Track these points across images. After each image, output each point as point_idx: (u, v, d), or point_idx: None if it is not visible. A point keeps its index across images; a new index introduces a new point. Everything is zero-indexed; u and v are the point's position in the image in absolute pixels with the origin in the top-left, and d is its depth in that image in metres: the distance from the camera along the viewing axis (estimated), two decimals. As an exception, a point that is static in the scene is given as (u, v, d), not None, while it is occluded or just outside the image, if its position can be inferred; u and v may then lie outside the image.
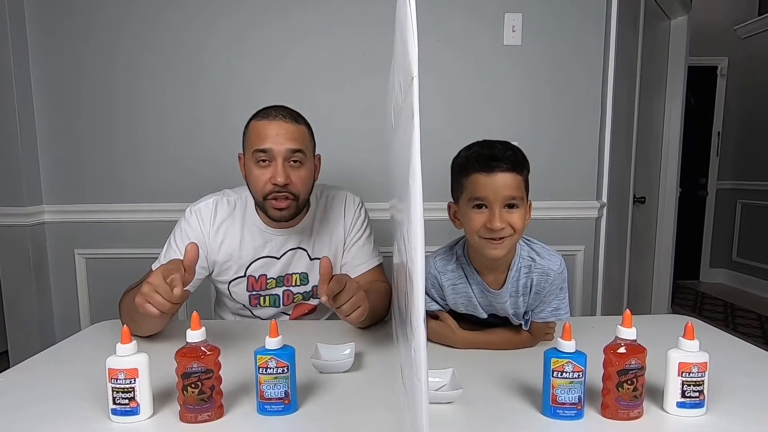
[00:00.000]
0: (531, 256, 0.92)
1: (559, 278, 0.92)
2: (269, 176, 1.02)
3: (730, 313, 3.45)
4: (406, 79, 0.40)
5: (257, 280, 1.14)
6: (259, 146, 1.02)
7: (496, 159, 0.84)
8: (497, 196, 0.83)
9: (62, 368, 0.89)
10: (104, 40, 1.72)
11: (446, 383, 0.77)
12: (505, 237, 0.85)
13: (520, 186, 0.86)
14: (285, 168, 1.02)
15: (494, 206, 0.84)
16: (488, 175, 0.84)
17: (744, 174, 3.97)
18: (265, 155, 1.02)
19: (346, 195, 1.21)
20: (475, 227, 0.85)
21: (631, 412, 0.68)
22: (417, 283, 0.39)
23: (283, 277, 1.15)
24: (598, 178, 1.85)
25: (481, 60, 1.75)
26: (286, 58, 1.73)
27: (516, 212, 0.85)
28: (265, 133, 1.02)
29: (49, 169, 1.78)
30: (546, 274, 0.91)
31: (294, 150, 1.03)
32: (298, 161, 1.04)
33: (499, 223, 0.83)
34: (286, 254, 1.14)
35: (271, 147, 1.01)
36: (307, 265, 1.16)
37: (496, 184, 0.83)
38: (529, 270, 0.92)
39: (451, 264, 0.96)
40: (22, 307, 1.78)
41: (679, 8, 2.64)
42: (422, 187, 0.41)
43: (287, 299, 1.17)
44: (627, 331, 0.68)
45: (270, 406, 0.71)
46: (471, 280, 0.95)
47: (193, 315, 0.70)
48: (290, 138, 1.02)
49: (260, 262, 1.13)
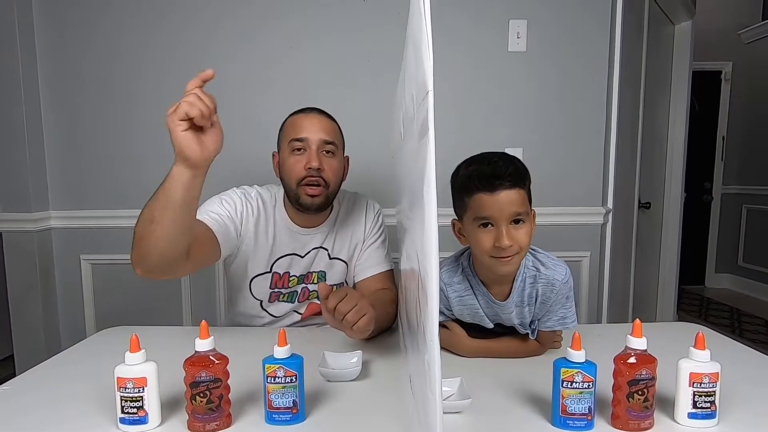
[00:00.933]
0: (536, 267, 0.92)
1: (564, 288, 0.91)
2: (304, 162, 1.09)
3: (737, 318, 3.43)
4: (420, 92, 0.40)
5: (281, 277, 1.17)
6: (296, 135, 1.10)
7: (499, 177, 0.83)
8: (503, 214, 0.83)
9: (70, 375, 0.89)
10: (109, 48, 1.74)
11: (454, 392, 0.77)
12: (513, 255, 0.85)
13: (524, 201, 0.85)
14: (319, 155, 1.09)
15: (500, 224, 0.83)
16: (492, 195, 0.83)
17: (749, 179, 3.96)
18: (300, 143, 1.09)
19: (368, 201, 1.28)
20: (485, 247, 0.85)
21: (641, 423, 0.68)
22: (431, 296, 0.39)
23: (305, 275, 1.19)
24: (604, 183, 1.84)
25: (485, 66, 1.76)
26: (290, 63, 1.74)
27: (523, 227, 0.85)
28: (301, 124, 1.11)
29: (56, 175, 1.79)
30: (551, 284, 0.91)
31: (327, 141, 1.11)
32: (331, 152, 1.12)
33: (507, 241, 0.82)
34: (309, 253, 1.18)
35: (307, 136, 1.09)
36: (327, 264, 1.20)
37: (501, 202, 0.83)
38: (534, 280, 0.92)
39: (458, 276, 0.96)
40: (28, 313, 1.78)
41: (683, 13, 2.64)
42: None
43: (303, 296, 1.20)
44: (637, 341, 0.68)
45: (278, 416, 0.70)
46: (477, 292, 0.95)
47: (202, 324, 0.70)
48: (324, 129, 1.11)
49: (286, 259, 1.16)
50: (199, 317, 1.03)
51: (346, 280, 1.24)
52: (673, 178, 2.81)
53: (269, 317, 1.21)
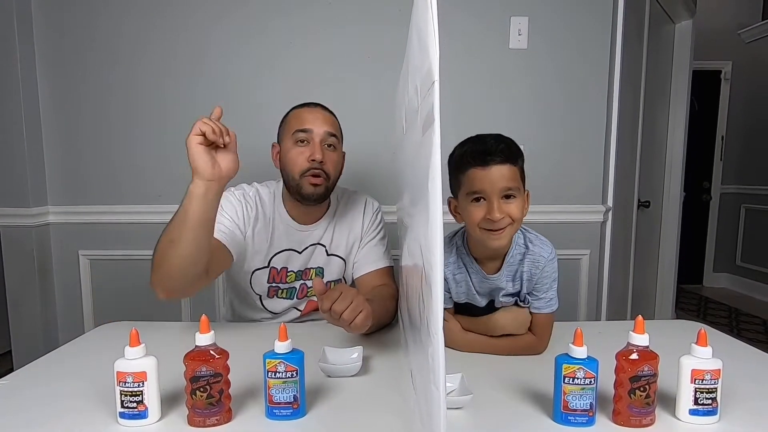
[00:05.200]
0: (525, 243, 0.96)
1: (549, 266, 0.94)
2: (308, 154, 1.10)
3: (735, 318, 3.44)
4: (426, 82, 0.40)
5: (279, 272, 1.18)
6: (300, 126, 1.11)
7: (490, 153, 0.87)
8: (494, 187, 0.86)
9: (68, 370, 0.89)
10: (109, 43, 1.73)
11: (456, 388, 0.76)
12: (504, 227, 0.87)
13: (516, 176, 0.88)
14: (322, 147, 1.11)
15: (492, 198, 0.86)
16: (484, 169, 0.87)
17: (748, 178, 3.96)
18: (304, 135, 1.11)
19: (366, 198, 1.28)
20: (476, 220, 0.88)
21: (643, 419, 0.68)
22: (436, 289, 0.38)
23: (302, 271, 1.19)
24: (604, 182, 1.84)
25: (487, 64, 1.75)
26: (290, 60, 1.74)
27: (514, 202, 0.88)
28: (305, 116, 1.13)
29: (54, 170, 1.78)
30: (536, 260, 0.94)
31: (330, 133, 1.13)
32: (332, 145, 1.14)
33: (498, 213, 0.86)
34: (307, 249, 1.19)
35: (311, 128, 1.11)
36: (324, 261, 1.21)
37: (492, 176, 0.86)
38: (522, 256, 0.95)
39: (452, 256, 0.98)
40: (26, 308, 1.77)
41: (683, 12, 2.64)
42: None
43: (302, 293, 1.20)
44: (639, 338, 0.68)
45: (279, 411, 0.70)
46: (470, 270, 0.97)
47: (202, 318, 0.70)
48: (327, 123, 1.13)
49: (284, 254, 1.17)
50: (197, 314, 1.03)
51: (344, 277, 1.24)
52: (673, 177, 2.81)
53: (269, 314, 1.21)
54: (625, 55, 1.88)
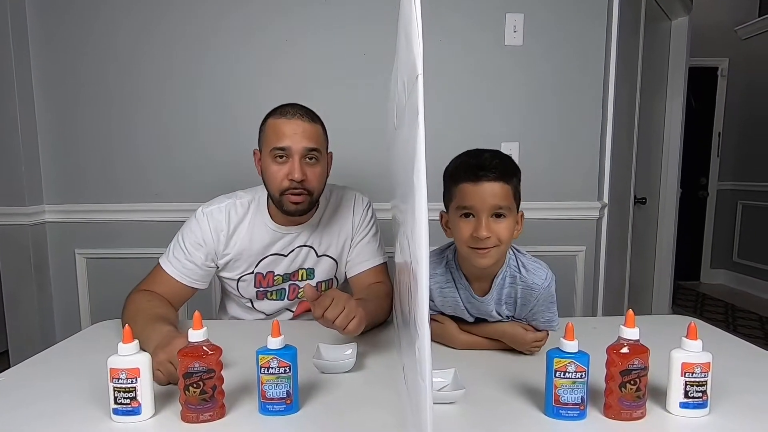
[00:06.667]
0: (518, 268, 0.92)
1: (545, 293, 0.90)
2: (286, 172, 1.05)
3: (731, 314, 3.45)
4: (411, 77, 0.40)
5: (264, 277, 1.16)
6: (278, 144, 1.05)
7: (483, 168, 0.84)
8: (484, 205, 0.84)
9: (63, 368, 0.89)
10: (105, 41, 1.72)
11: (448, 383, 0.77)
12: (490, 247, 0.84)
13: (508, 195, 0.85)
14: (302, 165, 1.05)
15: (481, 215, 0.84)
16: (475, 185, 0.84)
17: (744, 175, 3.97)
18: (283, 152, 1.05)
19: (356, 194, 1.24)
20: (463, 237, 0.86)
21: (634, 413, 0.68)
22: (421, 283, 0.39)
23: (290, 274, 1.18)
24: (599, 178, 1.84)
25: (482, 60, 1.75)
26: (287, 59, 1.73)
27: (503, 222, 0.85)
28: (283, 131, 1.05)
29: (50, 168, 1.78)
30: (530, 288, 0.90)
31: (310, 149, 1.06)
32: (314, 158, 1.08)
33: (485, 232, 0.83)
34: (292, 252, 1.16)
35: (289, 145, 1.04)
36: (314, 262, 1.19)
37: (483, 193, 0.84)
38: (513, 281, 0.92)
39: (440, 268, 0.96)
40: (22, 307, 1.77)
41: (679, 9, 2.64)
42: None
43: (292, 293, 1.19)
44: (630, 331, 0.68)
45: (272, 406, 0.70)
46: (459, 285, 0.95)
47: (195, 314, 0.70)
48: (307, 137, 1.06)
49: (268, 259, 1.15)
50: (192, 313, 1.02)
51: (336, 277, 1.23)
52: (669, 173, 2.82)
53: (262, 315, 1.21)
54: (621, 52, 1.88)
